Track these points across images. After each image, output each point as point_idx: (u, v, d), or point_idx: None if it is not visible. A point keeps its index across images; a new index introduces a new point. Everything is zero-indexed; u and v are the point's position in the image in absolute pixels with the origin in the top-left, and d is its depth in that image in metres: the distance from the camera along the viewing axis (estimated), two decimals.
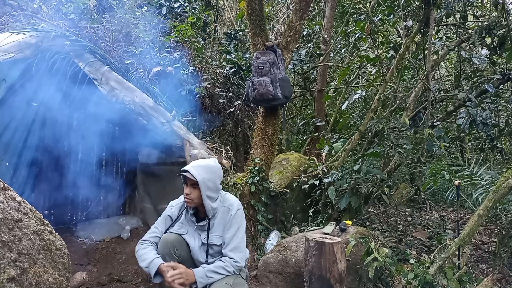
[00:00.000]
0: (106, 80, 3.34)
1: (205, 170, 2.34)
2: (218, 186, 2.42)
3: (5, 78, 3.02)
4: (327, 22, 6.15)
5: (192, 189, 2.34)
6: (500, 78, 4.62)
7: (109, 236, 4.49)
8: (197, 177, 2.29)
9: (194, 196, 2.34)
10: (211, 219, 2.41)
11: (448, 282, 2.86)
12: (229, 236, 2.38)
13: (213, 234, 2.41)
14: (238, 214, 2.43)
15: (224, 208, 2.43)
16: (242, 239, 2.42)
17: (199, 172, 2.31)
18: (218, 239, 2.40)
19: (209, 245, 2.40)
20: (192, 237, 2.45)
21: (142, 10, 5.64)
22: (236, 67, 5.56)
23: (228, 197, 2.51)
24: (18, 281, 1.73)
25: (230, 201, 2.48)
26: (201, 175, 2.30)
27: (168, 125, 3.49)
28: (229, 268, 2.32)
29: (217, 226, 2.41)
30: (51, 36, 3.28)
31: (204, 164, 2.39)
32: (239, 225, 2.42)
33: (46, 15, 4.17)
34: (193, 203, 2.38)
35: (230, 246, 2.37)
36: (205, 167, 2.37)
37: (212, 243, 2.40)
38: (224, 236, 2.39)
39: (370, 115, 4.36)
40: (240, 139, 6.04)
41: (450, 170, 4.36)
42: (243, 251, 2.42)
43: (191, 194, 2.35)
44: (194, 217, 2.46)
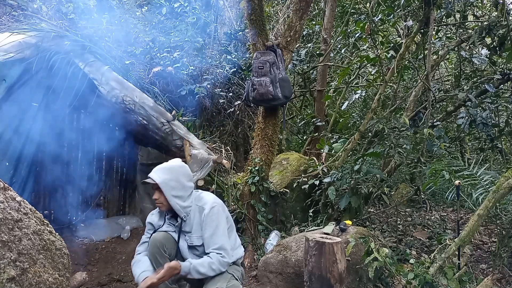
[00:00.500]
0: (106, 80, 3.34)
1: (165, 171, 2.33)
2: (184, 184, 2.36)
3: (5, 78, 3.02)
4: (327, 22, 6.15)
5: (158, 193, 2.33)
6: (500, 78, 4.62)
7: (109, 236, 4.49)
8: (157, 180, 2.28)
9: (162, 199, 2.33)
10: (186, 219, 2.37)
11: (448, 282, 2.86)
12: (208, 235, 2.33)
13: (193, 235, 2.37)
14: (213, 212, 2.35)
15: (199, 208, 2.39)
16: (223, 236, 2.35)
17: (158, 174, 2.31)
18: (198, 239, 2.36)
19: (192, 246, 2.38)
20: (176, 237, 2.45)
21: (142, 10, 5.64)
22: (236, 67, 5.56)
23: (203, 196, 2.46)
24: (18, 281, 1.73)
25: (204, 200, 2.41)
26: (160, 177, 2.29)
27: (168, 125, 3.49)
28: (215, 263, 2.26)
29: (195, 227, 2.37)
30: (51, 36, 3.28)
31: (165, 165, 2.38)
32: (216, 223, 2.34)
33: (46, 15, 4.17)
34: (164, 207, 2.36)
35: (213, 246, 2.31)
36: (165, 168, 2.36)
37: (193, 244, 2.37)
38: (203, 237, 2.34)
39: (370, 115, 4.36)
40: (240, 139, 6.04)
41: (450, 170, 4.35)
42: (228, 248, 2.35)
43: (158, 198, 2.34)
44: (173, 219, 2.44)
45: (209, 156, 3.36)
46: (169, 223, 2.45)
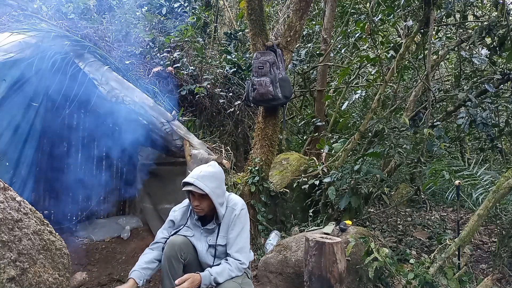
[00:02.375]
0: (106, 80, 3.34)
1: (211, 179, 2.30)
2: (224, 190, 2.41)
3: (5, 78, 3.01)
4: (327, 22, 6.15)
5: (201, 200, 2.31)
6: (500, 78, 4.62)
7: (109, 236, 4.49)
8: (206, 190, 2.25)
9: (204, 206, 2.33)
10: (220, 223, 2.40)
11: (448, 282, 2.86)
12: (233, 236, 2.37)
13: (219, 234, 2.40)
14: (242, 214, 2.42)
15: (229, 208, 2.42)
16: (246, 239, 2.41)
17: (206, 184, 2.27)
18: (222, 239, 2.39)
19: (213, 246, 2.40)
20: (198, 241, 2.44)
21: (142, 10, 5.65)
22: (236, 67, 5.56)
23: (232, 197, 2.49)
24: (18, 281, 1.73)
25: (234, 201, 2.46)
26: (209, 187, 2.26)
27: (168, 125, 3.49)
28: (234, 271, 2.31)
29: (222, 227, 2.41)
30: (51, 36, 3.27)
31: (208, 172, 2.33)
32: (243, 224, 2.41)
33: (46, 15, 4.17)
34: (203, 212, 2.36)
35: (235, 247, 2.35)
36: (210, 175, 2.32)
37: (218, 243, 2.39)
38: (228, 236, 2.38)
39: (370, 115, 4.36)
40: (240, 139, 6.04)
41: (450, 170, 4.36)
42: (248, 251, 2.42)
43: (200, 205, 2.32)
44: (199, 221, 2.45)
45: (209, 156, 3.36)
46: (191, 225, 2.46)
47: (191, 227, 2.47)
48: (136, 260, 2.48)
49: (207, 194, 2.25)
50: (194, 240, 2.43)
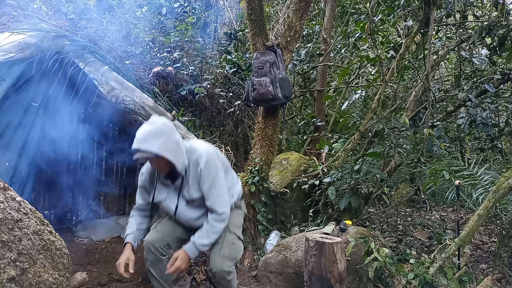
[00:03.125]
0: (106, 80, 3.34)
1: (155, 137, 2.14)
2: (177, 140, 2.24)
3: (5, 78, 3.01)
4: (327, 22, 6.15)
5: (157, 161, 2.21)
6: (500, 78, 4.62)
7: (109, 236, 4.49)
8: (154, 150, 2.11)
9: (163, 165, 2.22)
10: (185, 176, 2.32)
11: (448, 282, 2.86)
12: (206, 189, 2.29)
13: (191, 189, 2.33)
14: (209, 165, 2.29)
15: (193, 161, 2.30)
16: (220, 187, 2.32)
17: (151, 144, 2.12)
18: (197, 192, 2.32)
19: (191, 201, 2.35)
20: (172, 201, 2.39)
21: (142, 10, 5.64)
22: (236, 67, 5.56)
23: (195, 148, 2.34)
24: (18, 281, 1.73)
25: (198, 152, 2.31)
26: (156, 146, 2.12)
27: None
28: (215, 226, 2.28)
29: (192, 181, 2.32)
30: (51, 36, 3.27)
31: (149, 131, 2.16)
32: (213, 175, 2.30)
33: (46, 15, 4.17)
34: (167, 169, 2.27)
35: (210, 199, 2.29)
36: (153, 134, 2.15)
37: (192, 198, 2.34)
38: (202, 190, 2.30)
39: (370, 115, 4.37)
40: (240, 139, 6.04)
41: (450, 170, 4.36)
42: (225, 198, 2.34)
43: (159, 165, 2.24)
44: (168, 179, 2.37)
45: None
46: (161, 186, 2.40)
47: (162, 188, 2.40)
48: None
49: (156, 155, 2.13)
50: (168, 203, 2.38)
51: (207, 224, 2.29)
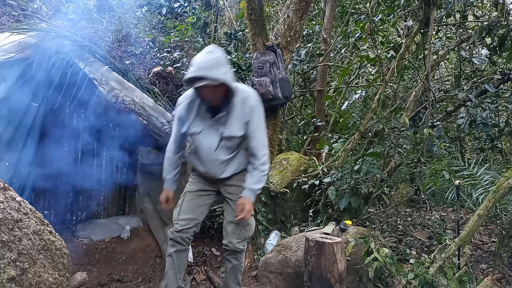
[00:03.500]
0: (106, 80, 3.34)
1: (220, 66, 2.10)
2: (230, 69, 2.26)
3: (5, 78, 3.01)
4: (327, 22, 6.15)
5: (214, 91, 2.15)
6: (500, 78, 4.63)
7: (109, 236, 4.49)
8: (222, 78, 2.07)
9: (219, 95, 2.19)
10: (230, 112, 2.26)
11: (448, 282, 2.86)
12: (253, 129, 2.27)
13: (234, 126, 2.27)
14: (259, 106, 2.29)
15: (241, 99, 2.25)
16: (264, 130, 2.35)
17: (218, 72, 2.07)
18: (239, 130, 2.28)
19: (227, 138, 2.29)
20: (206, 136, 2.32)
21: (142, 10, 5.64)
22: (236, 67, 5.56)
23: (241, 87, 2.33)
24: (18, 281, 1.73)
25: (246, 91, 2.29)
26: (221, 74, 2.08)
27: (168, 125, 3.49)
28: (264, 171, 2.32)
29: (236, 118, 2.26)
30: (51, 36, 3.27)
31: (213, 60, 2.11)
32: (261, 117, 2.31)
33: (46, 15, 4.18)
34: (218, 101, 2.22)
35: (256, 140, 2.29)
36: (217, 61, 2.11)
37: (232, 135, 2.28)
38: (249, 129, 2.28)
39: (370, 115, 4.37)
40: None
41: (450, 170, 4.36)
42: (266, 140, 2.36)
43: (215, 96, 2.18)
44: (209, 112, 2.30)
45: None
46: (199, 118, 2.32)
47: (199, 120, 2.33)
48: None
49: (223, 83, 2.09)
50: (202, 137, 2.32)
51: (256, 170, 2.32)
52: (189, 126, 2.35)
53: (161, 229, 3.90)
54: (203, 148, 2.35)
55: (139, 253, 3.97)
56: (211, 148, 2.33)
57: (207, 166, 2.42)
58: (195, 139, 2.37)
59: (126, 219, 4.80)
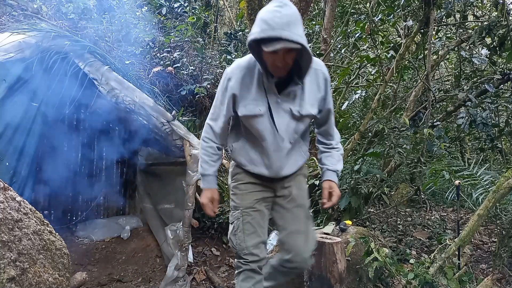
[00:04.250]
0: (106, 80, 3.34)
1: (297, 25, 1.61)
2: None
3: (5, 78, 3.01)
4: (327, 22, 6.14)
5: (287, 56, 1.65)
6: (500, 78, 4.63)
7: (109, 236, 4.49)
8: (301, 41, 1.59)
9: (290, 62, 1.69)
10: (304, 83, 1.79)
11: (448, 282, 2.86)
12: (330, 106, 1.90)
13: (307, 102, 1.81)
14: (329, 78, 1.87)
15: (313, 69, 1.78)
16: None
17: (297, 33, 1.58)
18: (313, 108, 1.83)
19: (302, 118, 1.82)
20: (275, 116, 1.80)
21: (142, 10, 5.64)
22: None
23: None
24: (18, 281, 1.73)
25: (315, 60, 1.78)
26: (301, 36, 1.60)
27: (168, 125, 3.49)
28: (341, 151, 2.03)
29: (309, 93, 1.81)
30: (51, 36, 3.27)
31: (292, 16, 1.60)
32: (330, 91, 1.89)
33: (46, 15, 4.18)
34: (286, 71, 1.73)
35: (332, 119, 1.96)
36: (295, 20, 1.61)
37: (308, 113, 1.82)
38: (325, 107, 1.89)
39: (370, 115, 4.36)
40: None
41: (450, 170, 4.36)
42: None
43: (287, 63, 1.67)
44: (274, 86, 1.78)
45: None
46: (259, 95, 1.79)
47: (261, 98, 1.79)
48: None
49: (302, 46, 1.60)
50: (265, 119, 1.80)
51: (335, 149, 2.01)
52: (246, 106, 1.80)
53: (161, 229, 3.90)
54: (267, 134, 1.81)
55: (139, 253, 3.97)
56: (281, 134, 1.81)
57: (272, 160, 1.87)
58: (255, 122, 1.81)
59: (126, 219, 4.80)
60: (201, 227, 4.02)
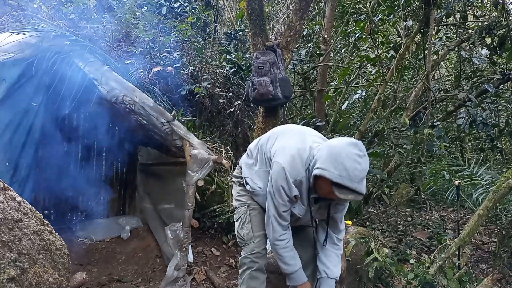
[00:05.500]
0: (106, 80, 3.34)
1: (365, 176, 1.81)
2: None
3: (5, 78, 3.01)
4: (327, 22, 6.14)
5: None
6: (500, 78, 4.63)
7: (109, 236, 4.49)
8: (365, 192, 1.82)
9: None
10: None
11: (448, 282, 2.86)
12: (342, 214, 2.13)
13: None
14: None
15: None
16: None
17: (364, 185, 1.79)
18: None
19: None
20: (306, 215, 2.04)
21: (142, 10, 5.64)
22: (236, 67, 5.56)
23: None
24: (18, 281, 1.73)
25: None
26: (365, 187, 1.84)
27: (168, 125, 3.49)
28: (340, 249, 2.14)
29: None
30: (51, 36, 3.27)
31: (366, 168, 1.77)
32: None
33: (46, 15, 4.18)
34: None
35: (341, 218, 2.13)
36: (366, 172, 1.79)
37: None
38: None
39: (370, 115, 4.37)
40: (240, 139, 6.03)
41: (450, 170, 4.36)
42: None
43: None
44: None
45: (209, 156, 3.35)
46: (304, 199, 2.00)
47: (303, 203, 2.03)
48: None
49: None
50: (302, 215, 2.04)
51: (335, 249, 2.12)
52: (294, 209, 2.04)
53: (161, 229, 3.90)
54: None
55: (139, 253, 3.97)
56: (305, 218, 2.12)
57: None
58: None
59: (126, 219, 4.80)
60: (201, 227, 4.02)
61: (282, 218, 1.99)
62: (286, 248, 2.02)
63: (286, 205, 1.95)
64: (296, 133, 2.09)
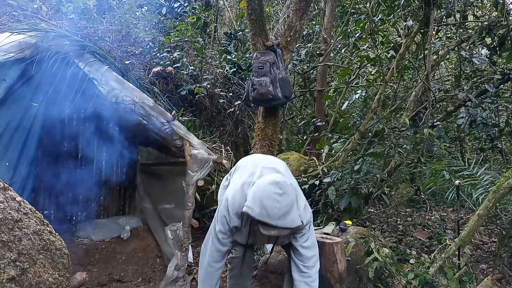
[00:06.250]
0: (106, 80, 3.33)
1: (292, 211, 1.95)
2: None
3: (5, 78, 3.01)
4: (327, 22, 6.15)
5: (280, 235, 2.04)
6: (500, 78, 4.62)
7: (109, 236, 4.49)
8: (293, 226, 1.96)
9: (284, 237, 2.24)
10: None
11: (448, 282, 2.86)
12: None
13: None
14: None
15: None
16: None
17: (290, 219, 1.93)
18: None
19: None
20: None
21: (142, 10, 5.64)
22: (236, 67, 5.56)
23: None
24: (18, 281, 1.73)
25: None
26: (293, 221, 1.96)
27: (168, 125, 3.49)
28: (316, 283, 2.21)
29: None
30: (51, 36, 3.27)
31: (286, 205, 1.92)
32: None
33: (46, 15, 4.17)
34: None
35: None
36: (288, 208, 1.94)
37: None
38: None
39: (370, 115, 4.36)
40: (240, 139, 6.03)
41: (450, 170, 4.36)
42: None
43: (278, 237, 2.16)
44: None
45: (209, 156, 3.35)
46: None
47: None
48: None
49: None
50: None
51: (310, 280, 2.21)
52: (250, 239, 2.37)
53: (161, 229, 3.90)
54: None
55: (139, 253, 3.97)
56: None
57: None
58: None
59: (126, 219, 4.80)
60: (201, 227, 4.02)
61: (220, 243, 2.21)
62: (213, 275, 2.22)
63: (226, 233, 2.19)
64: (250, 166, 2.30)
